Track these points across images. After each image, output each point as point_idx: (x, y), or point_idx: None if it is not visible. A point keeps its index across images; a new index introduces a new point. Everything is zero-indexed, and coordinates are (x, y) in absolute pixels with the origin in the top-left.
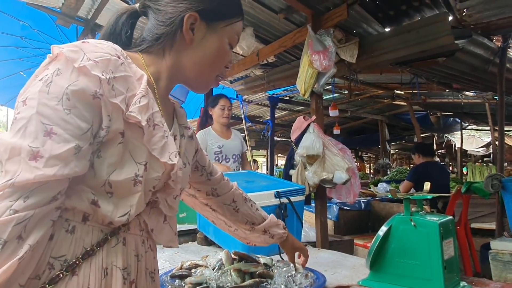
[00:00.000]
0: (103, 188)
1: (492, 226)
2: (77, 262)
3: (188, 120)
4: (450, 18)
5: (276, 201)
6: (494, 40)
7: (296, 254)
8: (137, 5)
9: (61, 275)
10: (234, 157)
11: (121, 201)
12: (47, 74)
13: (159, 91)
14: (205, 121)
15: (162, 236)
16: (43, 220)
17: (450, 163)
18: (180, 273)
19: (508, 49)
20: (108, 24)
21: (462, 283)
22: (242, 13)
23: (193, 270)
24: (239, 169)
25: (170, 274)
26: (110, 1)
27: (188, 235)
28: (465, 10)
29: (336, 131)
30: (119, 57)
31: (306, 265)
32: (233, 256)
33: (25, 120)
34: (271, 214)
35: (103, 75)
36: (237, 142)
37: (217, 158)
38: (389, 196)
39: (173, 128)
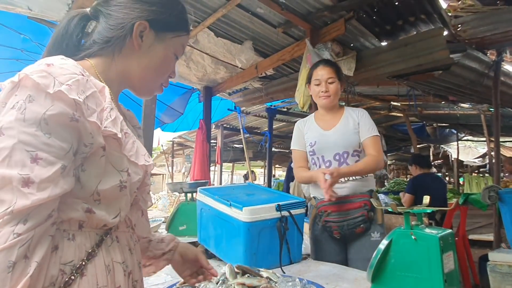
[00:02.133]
0: (92, 197)
1: (490, 237)
2: (83, 264)
3: (186, 131)
4: (445, 33)
5: (277, 214)
6: (488, 54)
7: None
8: (88, 9)
9: (73, 277)
10: (337, 157)
11: (110, 205)
12: (17, 101)
13: (113, 97)
14: None
15: (142, 230)
16: (43, 237)
17: (446, 173)
18: (183, 287)
19: (502, 63)
20: (60, 26)
21: None
22: (188, 29)
23: (196, 284)
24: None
25: None
26: None
27: None
28: (459, 25)
29: None
30: (82, 75)
31: (308, 279)
32: (236, 270)
33: (8, 150)
34: None
35: (79, 97)
36: (344, 131)
37: (313, 162)
38: (389, 209)
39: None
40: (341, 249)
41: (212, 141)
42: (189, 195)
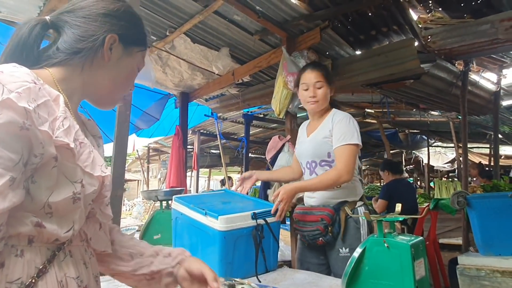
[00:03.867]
0: (43, 210)
1: (459, 241)
2: (33, 281)
3: (162, 137)
4: (416, 43)
5: (253, 223)
6: (456, 65)
7: None
8: (47, 17)
9: None
10: (308, 165)
11: (62, 219)
12: None
13: (72, 106)
14: None
15: (99, 243)
16: None
17: (418, 178)
18: None
19: (469, 73)
20: (20, 35)
21: None
22: (147, 44)
23: None
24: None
25: None
26: None
27: None
28: (429, 37)
29: None
30: (35, 83)
31: (284, 287)
32: None
33: None
34: None
35: (29, 105)
36: (315, 140)
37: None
38: (363, 218)
39: (89, 140)
40: (319, 254)
41: (188, 146)
42: (164, 203)
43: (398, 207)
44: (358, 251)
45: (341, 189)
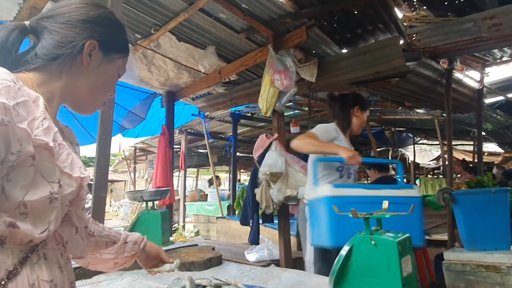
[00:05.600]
0: (18, 210)
1: (445, 237)
2: (3, 283)
3: (148, 136)
4: (401, 42)
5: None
6: (440, 63)
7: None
8: (26, 22)
9: None
10: (355, 172)
11: (38, 219)
12: None
13: (51, 111)
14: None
15: (75, 248)
16: None
17: (404, 175)
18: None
19: (453, 71)
20: None
21: None
22: (128, 50)
23: None
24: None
25: None
26: None
27: None
28: (414, 35)
29: None
30: (14, 82)
31: (272, 286)
32: (197, 282)
33: None
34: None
35: (8, 102)
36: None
37: (339, 169)
38: (350, 215)
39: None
40: None
41: (175, 146)
42: (150, 203)
43: (385, 204)
44: (345, 249)
45: None
